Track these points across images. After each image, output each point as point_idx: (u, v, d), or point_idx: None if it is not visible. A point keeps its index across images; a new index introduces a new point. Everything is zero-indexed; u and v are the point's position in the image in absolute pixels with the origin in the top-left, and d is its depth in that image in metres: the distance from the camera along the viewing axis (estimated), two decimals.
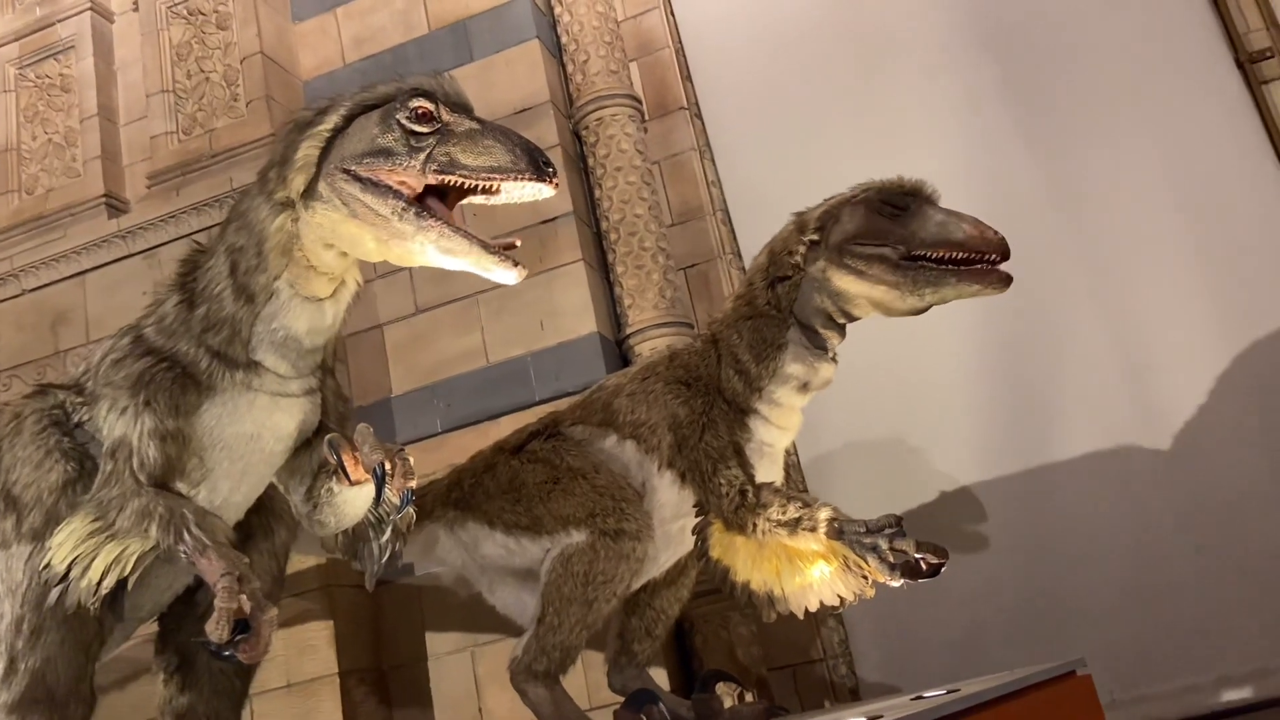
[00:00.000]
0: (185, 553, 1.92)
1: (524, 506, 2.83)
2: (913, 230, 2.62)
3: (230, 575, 1.85)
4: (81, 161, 4.84)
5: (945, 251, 2.59)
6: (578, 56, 4.73)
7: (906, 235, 2.62)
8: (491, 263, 1.99)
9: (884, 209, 2.69)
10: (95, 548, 1.93)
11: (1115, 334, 3.85)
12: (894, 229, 2.64)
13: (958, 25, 4.26)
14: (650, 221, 4.52)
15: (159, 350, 2.12)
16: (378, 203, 1.98)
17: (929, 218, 2.63)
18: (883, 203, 2.70)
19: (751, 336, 2.79)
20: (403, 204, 1.97)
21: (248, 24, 4.74)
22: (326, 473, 2.21)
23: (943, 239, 2.59)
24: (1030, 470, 3.81)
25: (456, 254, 1.98)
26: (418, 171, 1.97)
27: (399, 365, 4.47)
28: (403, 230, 1.98)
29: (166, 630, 2.38)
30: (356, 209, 2.00)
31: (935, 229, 2.60)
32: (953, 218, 2.63)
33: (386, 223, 1.98)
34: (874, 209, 2.70)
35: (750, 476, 2.64)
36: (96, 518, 1.95)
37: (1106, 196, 3.94)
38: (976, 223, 2.61)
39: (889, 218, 2.66)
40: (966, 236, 2.58)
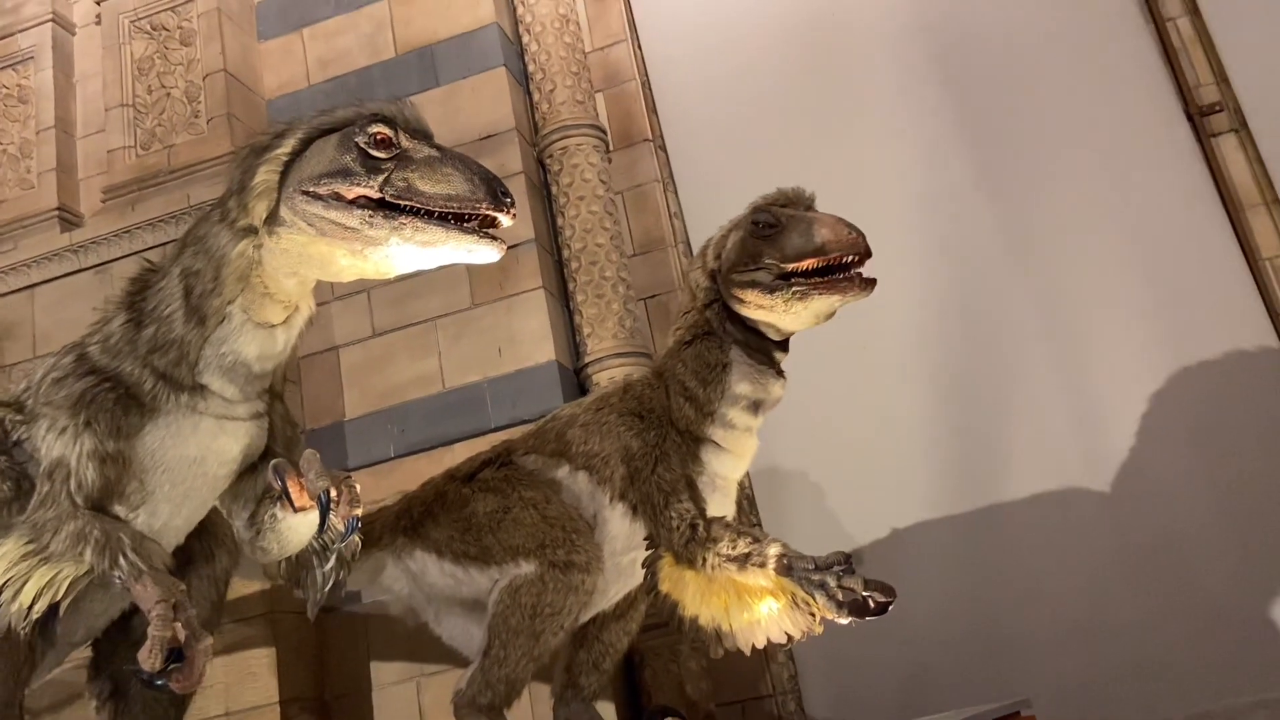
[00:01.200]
0: (120, 578, 1.88)
1: (473, 536, 2.80)
2: (782, 246, 2.67)
3: (165, 603, 1.80)
4: (36, 173, 4.76)
5: (811, 262, 2.63)
6: (544, 85, 4.75)
7: (778, 253, 2.66)
8: (472, 242, 1.94)
9: (757, 230, 2.73)
10: (28, 571, 1.88)
11: (1064, 377, 3.91)
12: (767, 249, 2.69)
13: (919, 70, 4.34)
14: (612, 251, 4.53)
15: (102, 370, 2.08)
16: (343, 216, 1.94)
17: (794, 230, 2.68)
18: (754, 224, 2.75)
19: (695, 363, 2.80)
20: (368, 211, 1.93)
21: (212, 41, 4.71)
22: (270, 498, 2.18)
23: (805, 249, 2.64)
24: (979, 509, 3.85)
25: (436, 243, 1.94)
26: (376, 191, 1.94)
27: (353, 389, 4.43)
28: (376, 236, 1.94)
29: (100, 656, 2.33)
30: (323, 227, 1.97)
31: (798, 241, 2.65)
32: (809, 224, 2.68)
33: (357, 233, 1.95)
34: (750, 232, 2.75)
35: (702, 510, 2.64)
36: (30, 540, 1.90)
37: (1058, 243, 4.02)
38: (834, 225, 2.67)
39: (763, 238, 2.71)
40: (824, 241, 2.63)
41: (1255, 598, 3.55)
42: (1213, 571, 3.61)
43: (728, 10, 4.82)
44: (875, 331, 4.03)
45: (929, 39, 4.41)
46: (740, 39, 4.77)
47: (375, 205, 1.93)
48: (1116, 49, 4.21)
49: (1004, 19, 4.32)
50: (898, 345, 4.00)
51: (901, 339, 4.00)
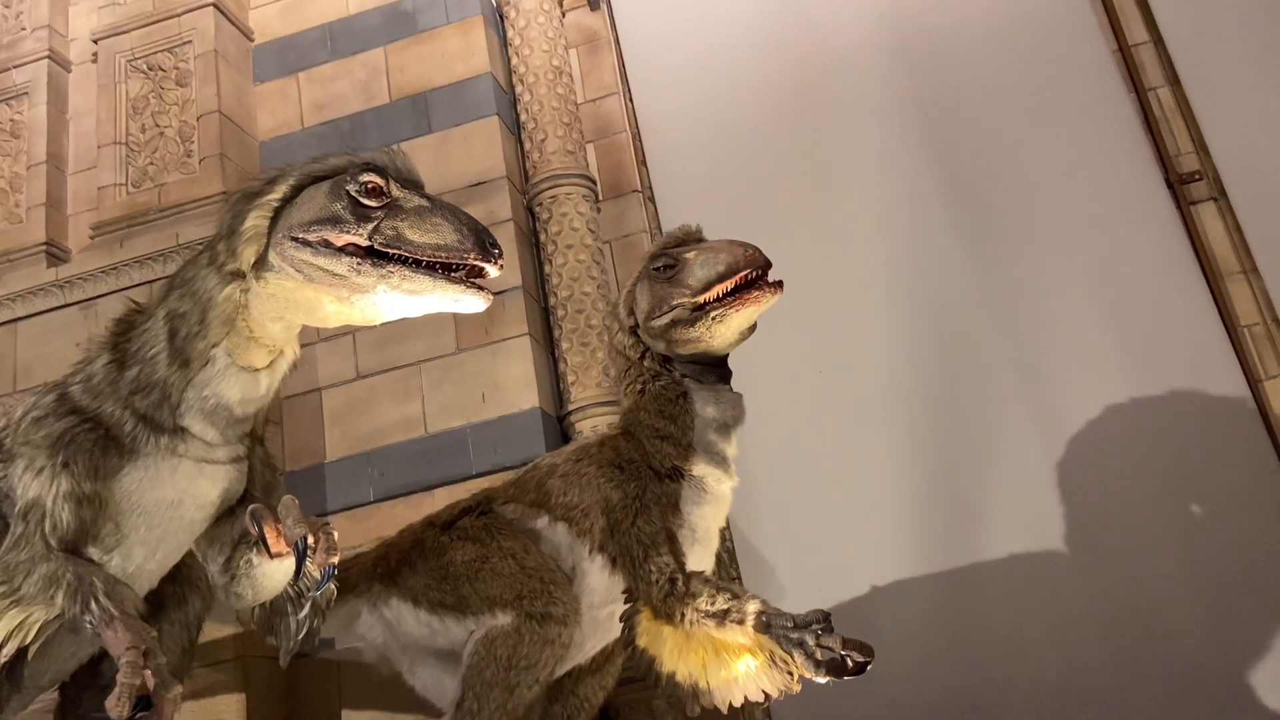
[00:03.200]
0: (91, 623, 1.85)
1: (450, 585, 2.78)
2: (687, 282, 2.76)
3: (135, 649, 1.78)
4: (25, 208, 4.77)
5: (720, 288, 2.71)
6: (536, 135, 4.81)
7: (686, 290, 2.75)
8: (458, 292, 1.97)
9: (660, 274, 2.83)
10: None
11: (1041, 437, 3.94)
12: (674, 290, 2.77)
13: (905, 128, 4.42)
14: (598, 300, 4.55)
15: (83, 410, 2.07)
16: (331, 263, 1.96)
17: (695, 264, 2.77)
18: (655, 269, 2.85)
19: (656, 404, 2.84)
20: (356, 259, 1.94)
21: (208, 82, 4.75)
22: (247, 544, 2.16)
23: (710, 278, 2.73)
24: (957, 566, 3.85)
25: (423, 292, 1.96)
26: (365, 239, 1.96)
27: (335, 430, 4.41)
28: (363, 284, 1.95)
29: (67, 700, 2.29)
30: (310, 273, 1.98)
31: (701, 272, 2.75)
32: (708, 254, 2.77)
33: (345, 280, 1.96)
34: (653, 279, 2.85)
35: (681, 564, 2.63)
36: (1, 581, 1.88)
37: (1037, 305, 4.06)
38: (729, 248, 2.77)
39: (666, 281, 2.80)
40: (726, 264, 2.72)
41: (1231, 659, 3.56)
42: (1189, 632, 3.62)
43: (718, 67, 4.90)
44: (854, 385, 4.07)
45: (913, 100, 4.49)
46: (729, 95, 4.84)
47: (364, 253, 1.95)
48: (1098, 116, 4.30)
49: (987, 84, 4.41)
50: (876, 399, 4.02)
51: (880, 393, 4.03)
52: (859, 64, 4.60)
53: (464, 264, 1.96)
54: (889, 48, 4.58)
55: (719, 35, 4.91)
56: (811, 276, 4.23)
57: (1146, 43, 4.54)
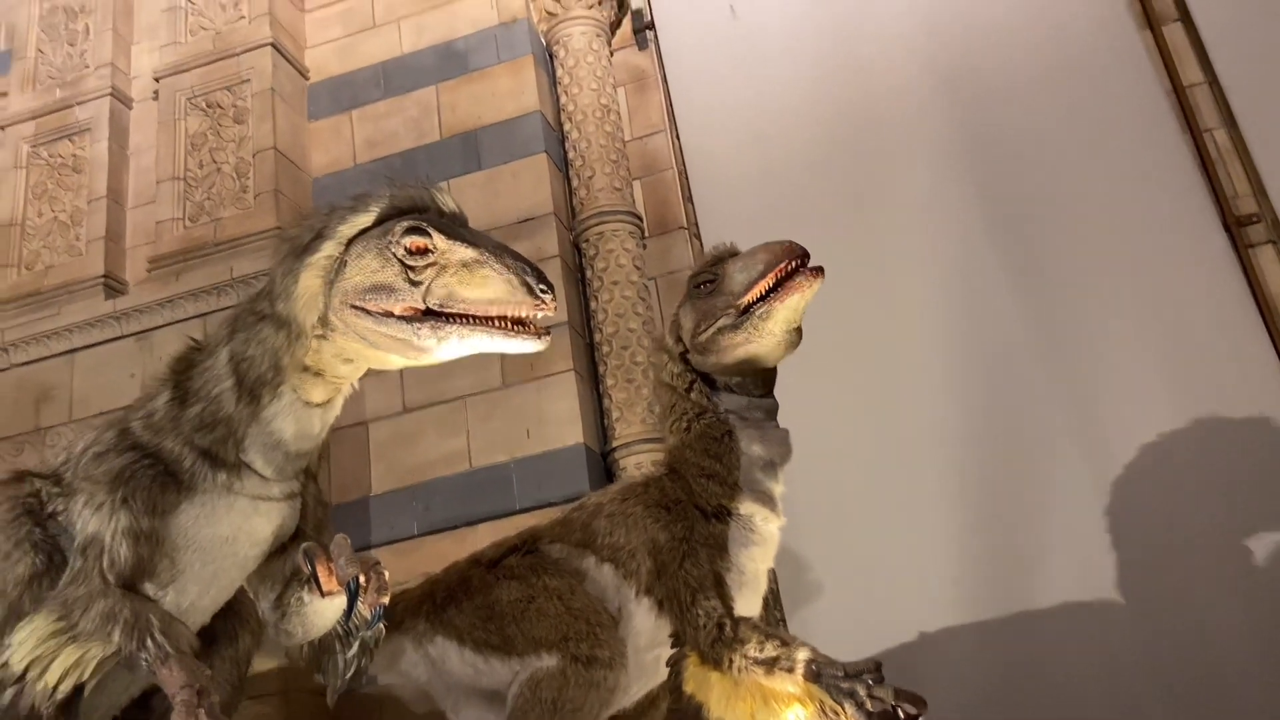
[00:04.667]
0: (147, 660, 1.87)
1: (496, 625, 2.77)
2: (728, 289, 2.74)
3: (190, 689, 1.80)
4: (85, 241, 4.89)
5: (762, 286, 2.69)
6: (583, 172, 4.85)
7: (729, 297, 2.73)
8: (516, 342, 2.02)
9: (700, 291, 2.82)
10: (56, 649, 1.88)
11: (1094, 479, 3.86)
12: (716, 301, 2.75)
13: (954, 169, 4.39)
14: (643, 336, 4.56)
15: (143, 446, 2.10)
16: (393, 329, 2.03)
17: (733, 271, 2.76)
18: (696, 287, 2.83)
19: (702, 442, 2.81)
20: (415, 323, 2.01)
21: (264, 120, 4.85)
22: (298, 581, 2.18)
23: (751, 279, 2.70)
24: (1007, 612, 3.77)
25: (481, 346, 2.03)
26: (420, 301, 2.01)
27: (380, 464, 4.44)
28: (426, 345, 2.02)
29: None
30: (375, 339, 2.06)
31: (741, 279, 2.73)
32: (745, 259, 2.76)
33: (408, 343, 2.03)
34: (695, 297, 2.84)
35: (729, 609, 2.60)
36: (60, 617, 1.91)
37: (1090, 346, 4.00)
38: (765, 247, 2.75)
39: (707, 295, 2.78)
40: (766, 265, 2.70)
41: None
42: (1248, 680, 3.52)
43: (764, 105, 4.91)
44: (902, 424, 4.02)
45: (962, 139, 4.47)
46: (776, 133, 4.85)
47: (422, 315, 2.00)
48: (1152, 157, 4.25)
49: (1037, 124, 4.38)
50: (924, 440, 3.97)
51: (928, 432, 3.98)
52: (907, 102, 4.59)
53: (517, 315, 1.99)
54: (937, 86, 4.57)
55: (765, 73, 4.93)
56: (859, 314, 4.21)
57: (1201, 84, 4.49)
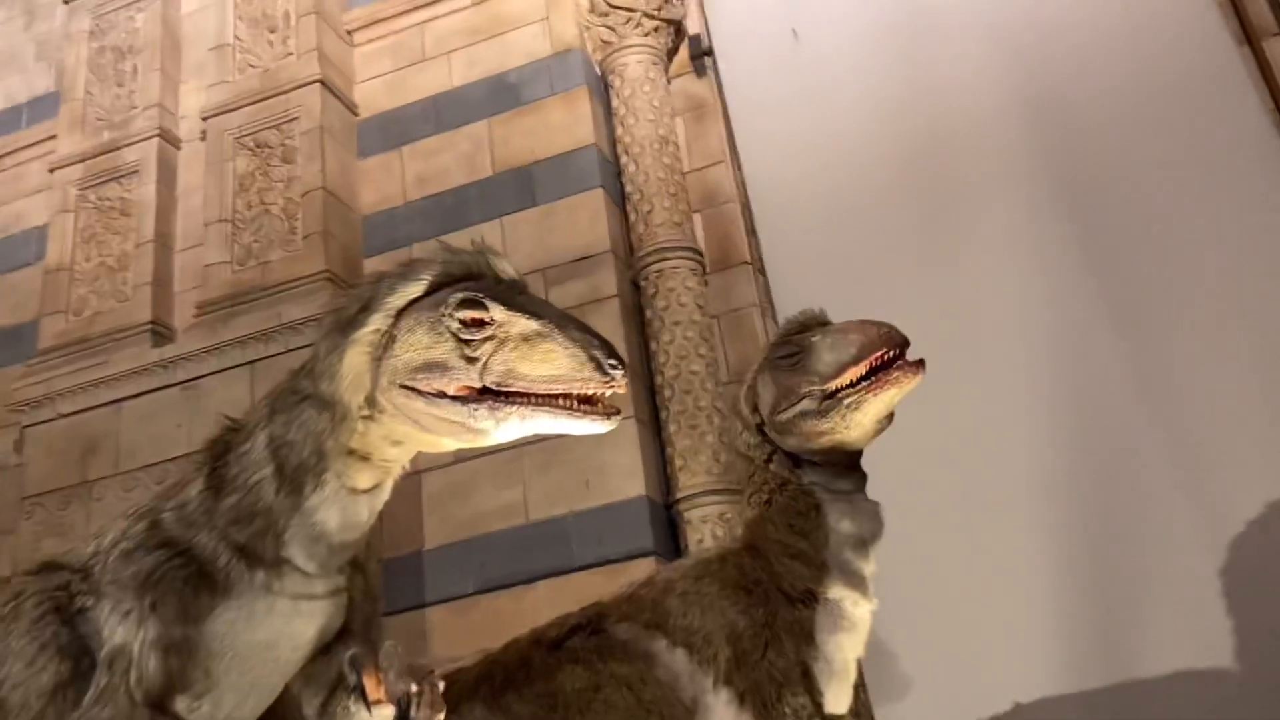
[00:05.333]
0: None
1: (560, 715, 2.54)
2: (814, 368, 2.50)
3: None
4: (132, 286, 4.79)
5: (853, 374, 2.45)
6: (641, 206, 4.64)
7: (815, 377, 2.49)
8: (581, 424, 1.81)
9: (783, 364, 2.57)
10: None
11: (1209, 534, 3.54)
12: (801, 378, 2.52)
13: (1041, 199, 4.11)
14: (707, 379, 4.34)
15: (175, 541, 1.91)
16: (447, 413, 1.83)
17: (821, 348, 2.52)
18: (778, 360, 2.59)
19: (785, 517, 2.57)
20: (473, 406, 1.81)
21: (313, 159, 4.72)
22: (344, 689, 1.97)
23: (842, 362, 2.46)
24: (1112, 684, 3.47)
25: (541, 427, 1.83)
26: (476, 380, 1.80)
27: (433, 516, 4.26)
28: (483, 428, 1.83)
29: None
30: (427, 422, 1.86)
31: (829, 359, 2.48)
32: (837, 336, 2.51)
33: (464, 426, 1.83)
34: (776, 369, 2.60)
35: (819, 706, 2.35)
36: None
37: (1196, 390, 3.68)
38: (861, 328, 2.49)
39: (789, 370, 2.55)
40: (860, 350, 2.45)
41: None
42: None
43: (831, 132, 4.67)
44: (990, 478, 3.73)
45: (1051, 168, 4.18)
46: (844, 161, 4.60)
47: (479, 394, 1.79)
48: (1257, 185, 3.93)
49: (1135, 149, 4.08)
50: (1017, 495, 3.68)
51: (1022, 489, 3.69)
52: (987, 128, 4.32)
53: (583, 394, 1.77)
54: (1020, 112, 4.29)
55: (831, 99, 4.69)
56: (939, 358, 3.88)
57: None
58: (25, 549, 4.27)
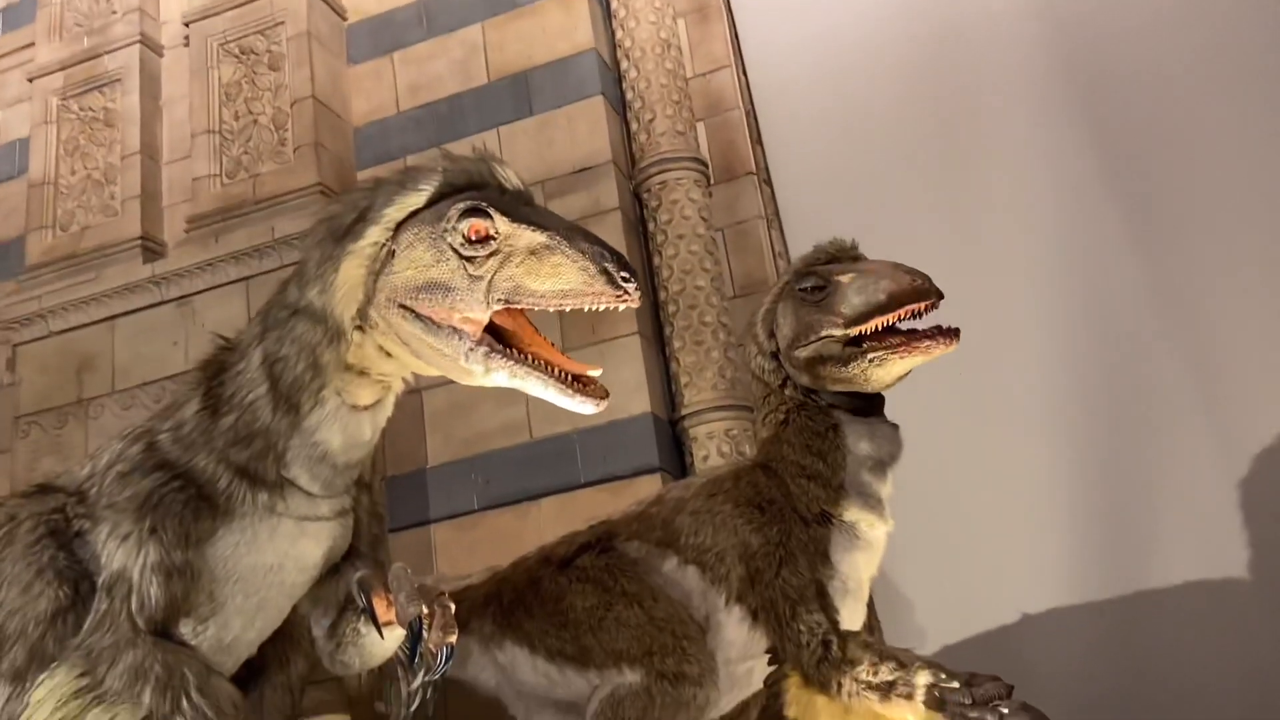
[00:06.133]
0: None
1: (571, 633, 2.52)
2: (839, 309, 2.40)
3: None
4: (120, 200, 4.64)
5: (879, 321, 2.36)
6: (643, 115, 4.48)
7: (838, 319, 2.39)
8: (565, 399, 1.75)
9: (805, 296, 2.47)
10: (80, 712, 1.64)
11: (1223, 451, 3.50)
12: (823, 316, 2.42)
13: (1062, 108, 3.94)
14: (712, 294, 4.24)
15: (172, 464, 1.84)
16: (442, 344, 1.76)
17: (850, 288, 2.40)
18: (801, 291, 2.48)
19: (802, 438, 2.51)
20: (469, 345, 1.74)
21: (301, 66, 4.54)
22: (354, 611, 1.93)
23: (869, 308, 2.36)
24: (1123, 596, 3.46)
25: (529, 388, 1.77)
26: (481, 305, 1.72)
27: (436, 434, 4.20)
28: (471, 370, 1.77)
29: None
30: (419, 349, 1.79)
31: (856, 301, 2.38)
32: (867, 278, 2.40)
33: (454, 362, 1.77)
34: (798, 300, 2.49)
35: (835, 623, 2.32)
36: (83, 672, 1.67)
37: (1215, 305, 3.58)
38: (893, 275, 2.38)
39: (814, 304, 2.45)
40: (889, 299, 2.34)
41: None
42: None
43: (841, 33, 4.48)
44: (1006, 397, 3.66)
45: (1064, 73, 4.01)
46: (854, 67, 4.43)
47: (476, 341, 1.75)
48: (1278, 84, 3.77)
49: (1155, 56, 3.89)
50: (1032, 413, 3.62)
51: (1036, 406, 3.62)
52: (1002, 33, 4.13)
53: (597, 300, 1.69)
54: (1036, 15, 4.10)
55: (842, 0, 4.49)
56: (950, 271, 3.78)
57: None
58: (22, 468, 4.23)
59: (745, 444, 3.89)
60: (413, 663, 1.87)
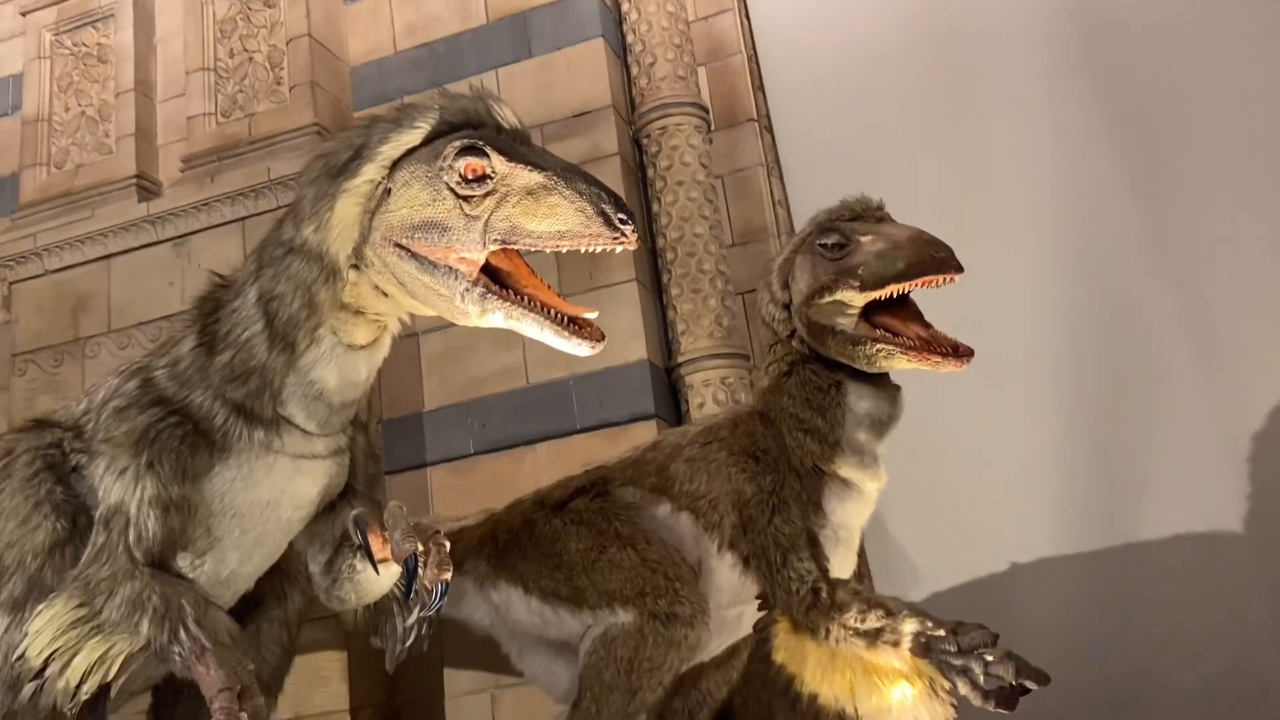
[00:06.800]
0: (180, 655, 1.66)
1: (564, 574, 2.56)
2: (857, 270, 2.40)
3: (229, 691, 1.59)
4: (114, 138, 4.59)
5: (896, 289, 2.36)
6: (644, 59, 4.42)
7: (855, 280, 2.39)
8: (561, 340, 1.75)
9: (826, 251, 2.47)
10: (77, 641, 1.67)
11: (1214, 401, 3.52)
12: (841, 275, 2.42)
13: (1062, 57, 3.90)
14: (710, 242, 4.22)
15: (169, 400, 1.85)
16: (437, 284, 1.76)
17: (870, 250, 2.40)
18: (821, 246, 2.48)
19: (804, 391, 2.52)
20: (465, 285, 1.74)
21: (296, 3, 4.46)
22: (349, 547, 1.95)
23: (886, 274, 2.36)
24: (1112, 547, 3.50)
25: (524, 330, 1.78)
26: (477, 245, 1.72)
27: (433, 378, 4.20)
28: (467, 310, 1.78)
29: (161, 704, 2.14)
30: (415, 288, 1.80)
31: (877, 265, 2.37)
32: (888, 243, 2.39)
33: (449, 302, 1.78)
34: (817, 254, 2.49)
35: (825, 570, 2.35)
36: (82, 603, 1.69)
37: (1214, 254, 3.59)
38: (915, 242, 2.37)
39: (832, 261, 2.45)
40: (908, 268, 2.34)
41: None
42: None
43: None
44: (1001, 343, 3.64)
45: (1072, 21, 3.97)
46: (858, 11, 4.38)
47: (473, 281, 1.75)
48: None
49: (1165, 3, 3.85)
50: (1027, 360, 3.63)
51: (1031, 353, 3.63)
52: None
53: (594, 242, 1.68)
54: None
55: None
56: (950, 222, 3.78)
57: None
58: (20, 406, 4.23)
59: (741, 392, 3.90)
60: (408, 599, 1.90)
